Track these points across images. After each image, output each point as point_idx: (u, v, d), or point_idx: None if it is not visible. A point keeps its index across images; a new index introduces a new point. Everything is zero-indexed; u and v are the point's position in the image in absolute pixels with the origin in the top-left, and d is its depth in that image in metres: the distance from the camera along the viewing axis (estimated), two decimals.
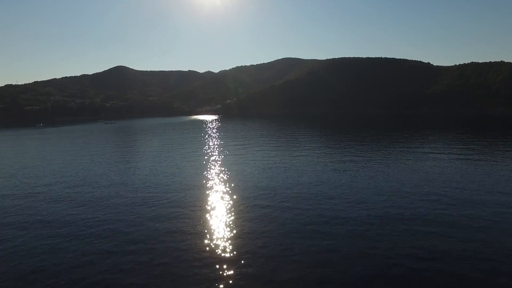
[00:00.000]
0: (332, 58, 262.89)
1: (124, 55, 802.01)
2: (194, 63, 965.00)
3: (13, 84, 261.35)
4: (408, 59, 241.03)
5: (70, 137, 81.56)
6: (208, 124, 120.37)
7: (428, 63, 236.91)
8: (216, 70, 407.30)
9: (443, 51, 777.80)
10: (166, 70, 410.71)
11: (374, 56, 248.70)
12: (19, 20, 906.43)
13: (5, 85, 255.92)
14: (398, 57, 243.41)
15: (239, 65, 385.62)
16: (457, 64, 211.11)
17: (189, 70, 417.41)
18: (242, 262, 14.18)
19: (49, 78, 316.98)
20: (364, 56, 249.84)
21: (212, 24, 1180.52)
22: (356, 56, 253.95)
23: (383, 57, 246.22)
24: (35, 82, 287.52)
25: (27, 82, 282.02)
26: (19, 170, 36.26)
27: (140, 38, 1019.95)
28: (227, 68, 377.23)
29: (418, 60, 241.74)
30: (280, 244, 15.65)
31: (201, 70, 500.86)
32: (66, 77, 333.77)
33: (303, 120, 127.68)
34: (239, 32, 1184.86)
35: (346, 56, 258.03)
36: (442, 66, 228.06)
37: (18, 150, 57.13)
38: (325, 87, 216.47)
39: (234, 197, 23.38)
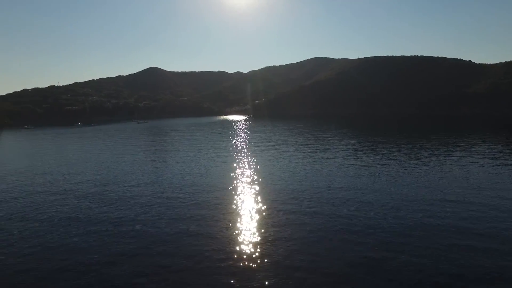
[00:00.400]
0: (364, 57, 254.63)
1: (157, 56, 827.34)
2: (223, 64, 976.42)
3: (55, 85, 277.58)
4: (447, 57, 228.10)
5: (105, 136, 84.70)
6: (237, 125, 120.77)
7: (470, 61, 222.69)
8: (245, 71, 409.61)
9: (486, 47, 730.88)
10: (197, 70, 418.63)
11: (409, 55, 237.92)
12: (61, 25, 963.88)
13: (48, 86, 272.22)
14: (436, 55, 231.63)
15: (268, 65, 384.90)
16: (503, 61, 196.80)
17: (218, 71, 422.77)
18: (266, 271, 13.41)
19: (88, 79, 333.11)
20: (399, 55, 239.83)
21: (241, 25, 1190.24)
22: (389, 55, 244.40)
23: (419, 55, 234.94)
24: (75, 83, 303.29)
25: (68, 83, 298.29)
26: (55, 167, 37.77)
27: (172, 39, 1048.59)
28: (256, 69, 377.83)
29: (458, 58, 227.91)
30: (307, 254, 14.70)
31: (231, 70, 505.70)
32: (103, 78, 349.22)
33: (333, 121, 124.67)
34: (269, 32, 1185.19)
35: (379, 55, 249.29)
36: (485, 64, 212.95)
37: (57, 148, 60.00)
38: (356, 87, 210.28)
39: (261, 200, 22.67)
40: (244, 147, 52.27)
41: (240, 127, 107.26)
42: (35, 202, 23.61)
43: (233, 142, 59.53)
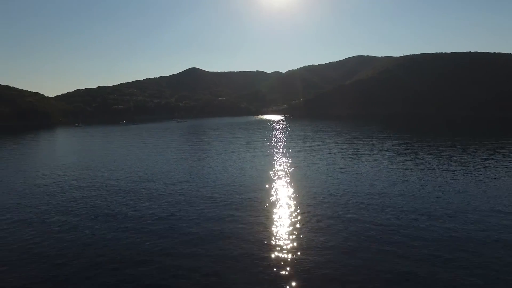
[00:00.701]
0: (410, 55, 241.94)
1: (197, 57, 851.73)
2: (262, 64, 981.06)
3: (104, 85, 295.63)
4: (505, 52, 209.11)
5: (146, 134, 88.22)
6: (273, 124, 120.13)
7: None
8: (283, 70, 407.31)
9: None
10: (235, 71, 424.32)
11: (460, 51, 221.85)
12: (110, 30, 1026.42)
13: (98, 87, 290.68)
14: (492, 51, 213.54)
15: (307, 64, 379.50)
16: None
17: (256, 71, 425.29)
18: (296, 280, 12.63)
19: (133, 80, 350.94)
20: (448, 52, 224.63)
21: (279, 23, 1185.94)
22: (437, 52, 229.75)
23: (472, 51, 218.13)
24: (121, 84, 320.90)
25: (115, 84, 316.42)
26: (98, 163, 39.64)
27: (212, 40, 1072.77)
28: (295, 68, 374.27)
29: None
30: (342, 264, 13.66)
31: (269, 70, 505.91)
32: (146, 78, 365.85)
33: (376, 122, 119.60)
34: (307, 30, 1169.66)
35: (426, 52, 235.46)
36: None
37: (101, 145, 63.40)
38: (400, 86, 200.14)
39: (295, 204, 21.83)
40: (280, 147, 51.46)
41: (276, 127, 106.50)
42: (76, 197, 24.71)
43: (268, 142, 58.95)
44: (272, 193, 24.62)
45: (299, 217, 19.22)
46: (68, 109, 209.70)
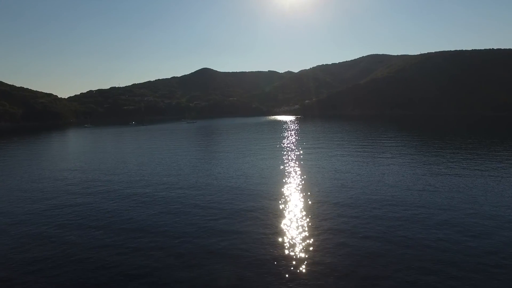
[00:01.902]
0: (427, 53, 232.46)
1: (209, 58, 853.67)
2: (274, 63, 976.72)
3: (116, 86, 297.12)
4: None
5: (152, 135, 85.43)
6: (284, 125, 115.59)
7: None
8: (296, 70, 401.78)
9: None
10: (247, 71, 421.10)
11: (481, 48, 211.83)
12: (125, 32, 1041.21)
13: (110, 88, 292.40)
14: None
15: (320, 64, 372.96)
16: None
17: (268, 71, 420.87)
18: None
19: (145, 81, 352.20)
20: (469, 49, 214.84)
21: (292, 23, 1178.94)
22: (457, 49, 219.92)
23: (494, 48, 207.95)
24: (133, 85, 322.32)
25: (127, 84, 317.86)
26: (95, 166, 36.43)
27: (224, 40, 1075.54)
28: (308, 68, 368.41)
29: None
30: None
31: (281, 70, 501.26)
32: (158, 79, 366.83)
33: (393, 123, 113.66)
34: (320, 30, 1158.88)
35: (445, 50, 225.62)
36: None
37: (107, 147, 60.48)
38: (418, 85, 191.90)
39: (303, 216, 18.36)
40: (291, 150, 47.18)
41: (287, 127, 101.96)
42: (61, 204, 22.02)
43: (278, 145, 54.67)
44: (280, 202, 21.59)
45: (308, 233, 16.32)
46: (80, 110, 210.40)
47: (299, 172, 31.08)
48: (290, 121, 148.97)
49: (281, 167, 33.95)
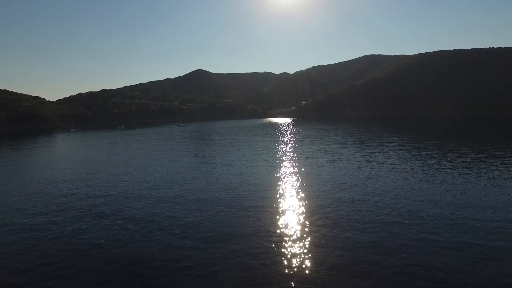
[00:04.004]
0: (426, 52, 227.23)
1: (204, 59, 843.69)
2: (269, 65, 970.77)
3: (107, 89, 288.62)
4: None
5: (139, 141, 78.02)
6: (280, 128, 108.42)
7: None
8: (292, 71, 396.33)
9: None
10: (242, 72, 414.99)
11: (482, 47, 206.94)
12: (116, 33, 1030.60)
13: (101, 90, 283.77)
14: None
15: (316, 65, 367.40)
16: None
17: (264, 72, 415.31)
18: None
19: (137, 83, 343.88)
20: (468, 48, 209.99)
21: (287, 24, 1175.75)
22: (457, 48, 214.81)
23: (495, 47, 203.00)
24: (125, 87, 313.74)
25: (119, 87, 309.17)
26: (71, 178, 28.95)
27: (218, 42, 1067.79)
28: (303, 69, 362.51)
29: None
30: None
31: (277, 71, 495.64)
32: (151, 81, 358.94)
33: (393, 124, 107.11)
34: (315, 31, 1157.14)
35: (443, 49, 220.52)
36: None
37: (81, 155, 52.88)
38: (417, 85, 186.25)
39: (300, 234, 16.28)
40: (287, 157, 40.14)
41: (283, 131, 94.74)
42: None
43: (274, 151, 47.53)
44: (278, 217, 19.17)
45: (305, 253, 14.37)
46: (67, 113, 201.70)
47: (292, 184, 26.36)
48: (286, 123, 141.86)
49: (274, 178, 26.92)
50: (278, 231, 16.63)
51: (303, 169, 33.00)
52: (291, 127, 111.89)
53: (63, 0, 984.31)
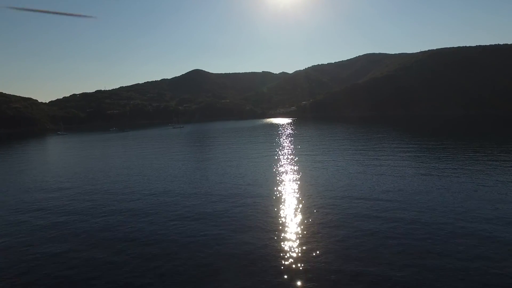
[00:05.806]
0: (428, 50, 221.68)
1: (202, 59, 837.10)
2: (268, 64, 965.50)
3: (102, 89, 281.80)
4: None
5: (129, 145, 71.58)
6: (280, 130, 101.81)
7: None
8: (291, 71, 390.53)
9: None
10: (240, 72, 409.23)
11: (488, 44, 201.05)
12: (112, 33, 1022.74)
13: (95, 91, 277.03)
14: None
15: (315, 64, 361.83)
16: None
17: (263, 71, 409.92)
18: None
19: (133, 83, 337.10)
20: (473, 45, 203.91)
21: (286, 23, 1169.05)
22: (461, 46, 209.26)
23: (501, 43, 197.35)
24: (120, 87, 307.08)
25: (114, 88, 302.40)
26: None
27: (217, 41, 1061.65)
28: (302, 68, 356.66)
29: None
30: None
31: (276, 71, 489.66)
32: (148, 82, 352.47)
33: (397, 124, 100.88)
34: (314, 30, 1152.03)
35: (447, 46, 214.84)
36: None
37: (57, 163, 46.36)
38: (420, 83, 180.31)
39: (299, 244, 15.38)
40: (286, 163, 33.97)
41: (283, 133, 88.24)
42: None
43: (274, 156, 41.18)
44: (278, 217, 18.32)
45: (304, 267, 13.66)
46: (59, 115, 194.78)
47: (292, 192, 22.74)
48: (286, 124, 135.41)
49: (272, 187, 20.89)
50: (279, 231, 16.59)
51: (303, 170, 31.94)
52: (291, 128, 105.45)
53: (58, 0, 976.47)
